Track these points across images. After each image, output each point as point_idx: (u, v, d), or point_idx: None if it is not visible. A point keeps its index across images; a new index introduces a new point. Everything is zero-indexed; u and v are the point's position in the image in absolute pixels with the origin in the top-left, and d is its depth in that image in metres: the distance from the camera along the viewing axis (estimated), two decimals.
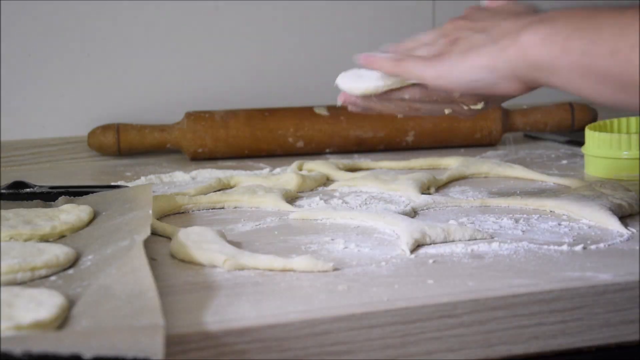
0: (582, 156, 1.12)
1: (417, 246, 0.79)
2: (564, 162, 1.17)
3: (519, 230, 0.84)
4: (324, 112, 1.26)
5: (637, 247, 0.78)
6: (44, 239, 0.81)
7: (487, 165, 1.08)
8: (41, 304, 0.62)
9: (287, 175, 1.03)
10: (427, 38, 0.80)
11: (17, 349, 0.54)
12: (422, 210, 0.92)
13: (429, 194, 0.99)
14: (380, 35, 1.39)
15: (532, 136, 1.35)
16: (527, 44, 0.70)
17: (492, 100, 0.80)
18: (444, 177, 1.05)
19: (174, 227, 0.84)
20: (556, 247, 0.78)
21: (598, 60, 0.67)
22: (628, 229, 0.83)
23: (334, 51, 1.37)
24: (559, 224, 0.85)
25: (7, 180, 0.97)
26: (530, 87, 0.74)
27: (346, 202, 0.95)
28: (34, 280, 0.72)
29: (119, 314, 0.60)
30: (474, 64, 0.74)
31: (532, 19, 0.72)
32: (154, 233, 0.80)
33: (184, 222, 0.90)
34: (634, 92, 0.66)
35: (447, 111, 0.82)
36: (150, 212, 0.82)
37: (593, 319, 0.70)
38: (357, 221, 0.88)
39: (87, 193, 0.94)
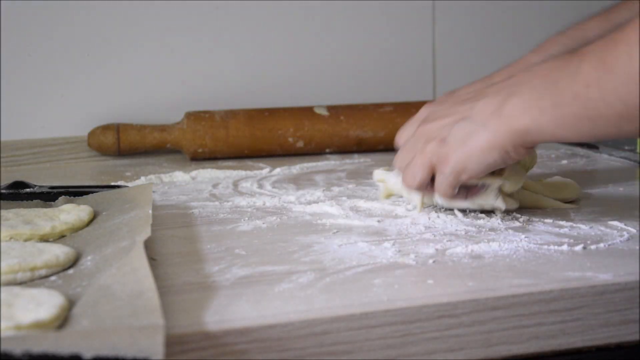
0: (581, 156, 1.12)
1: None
2: (564, 162, 1.17)
3: (519, 230, 0.84)
4: (324, 112, 1.26)
5: (637, 247, 0.78)
6: (44, 239, 0.81)
7: None
8: (41, 304, 0.62)
9: None
10: (407, 154, 0.86)
11: (17, 349, 0.54)
12: (427, 207, 0.93)
13: None
14: (380, 35, 1.39)
15: None
16: (510, 118, 0.78)
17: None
18: None
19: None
20: (556, 247, 0.78)
21: (565, 108, 0.74)
22: (629, 229, 0.83)
23: (334, 51, 1.38)
24: (559, 224, 0.85)
25: (7, 180, 0.97)
26: (532, 147, 0.80)
27: None
28: (34, 280, 0.71)
29: (119, 314, 0.60)
30: (477, 149, 0.80)
31: (502, 94, 0.79)
32: None
33: (184, 222, 0.90)
34: (606, 124, 0.73)
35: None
36: (150, 212, 0.82)
37: (593, 319, 0.70)
38: (357, 221, 0.88)
39: (87, 193, 0.94)
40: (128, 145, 1.24)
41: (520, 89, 0.78)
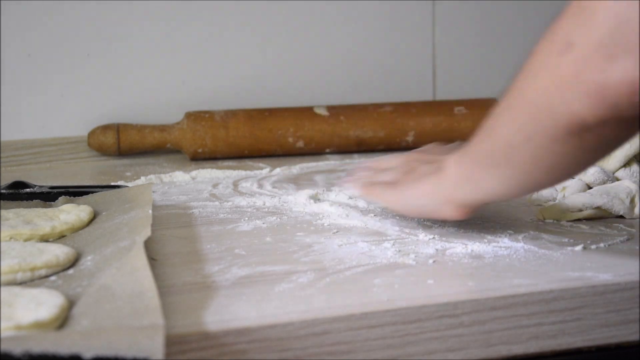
0: None
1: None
2: None
3: (519, 231, 0.84)
4: (324, 112, 1.26)
5: (637, 247, 0.78)
6: (44, 239, 0.81)
7: None
8: (41, 304, 0.62)
9: None
10: (395, 162, 0.89)
11: (17, 349, 0.54)
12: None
13: None
14: (380, 35, 1.39)
15: None
16: (448, 172, 0.78)
17: None
18: None
19: None
20: (556, 247, 0.78)
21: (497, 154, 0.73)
22: (629, 229, 0.83)
23: (334, 51, 1.37)
24: (560, 224, 0.85)
25: (7, 180, 0.97)
26: (469, 212, 0.79)
27: None
28: (34, 280, 0.72)
29: (119, 314, 0.60)
30: (419, 192, 0.81)
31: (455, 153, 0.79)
32: None
33: (184, 222, 0.90)
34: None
35: None
36: (151, 212, 0.82)
37: (593, 319, 0.70)
38: (357, 221, 0.88)
39: (87, 193, 0.94)
40: (128, 145, 1.24)
41: (465, 146, 0.78)
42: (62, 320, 0.61)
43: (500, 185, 0.74)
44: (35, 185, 0.95)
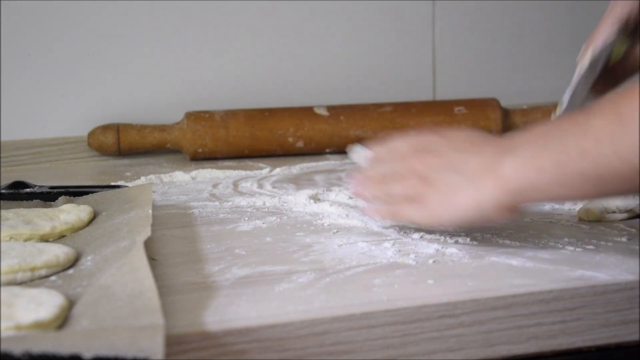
0: None
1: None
2: None
3: (520, 230, 0.84)
4: (324, 112, 1.26)
5: (637, 247, 0.78)
6: (44, 239, 0.81)
7: None
8: (41, 304, 0.62)
9: None
10: (388, 156, 0.82)
11: (17, 349, 0.54)
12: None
13: None
14: (380, 35, 1.39)
15: None
16: (504, 177, 0.73)
17: None
18: None
19: None
20: (556, 247, 0.78)
21: (571, 165, 0.69)
22: (629, 229, 0.83)
23: (334, 51, 1.37)
24: (559, 224, 0.85)
25: (7, 180, 0.97)
26: (520, 209, 0.75)
27: None
28: (34, 280, 0.71)
29: (119, 314, 0.60)
30: (458, 204, 0.76)
31: (497, 152, 0.74)
32: None
33: (184, 222, 0.90)
34: (617, 180, 0.69)
35: None
36: (150, 211, 0.82)
37: (593, 319, 0.70)
38: (357, 221, 0.88)
39: (87, 193, 0.94)
40: (128, 145, 1.24)
41: (518, 148, 0.73)
42: (62, 320, 0.61)
43: (572, 192, 0.72)
44: (35, 185, 0.95)
